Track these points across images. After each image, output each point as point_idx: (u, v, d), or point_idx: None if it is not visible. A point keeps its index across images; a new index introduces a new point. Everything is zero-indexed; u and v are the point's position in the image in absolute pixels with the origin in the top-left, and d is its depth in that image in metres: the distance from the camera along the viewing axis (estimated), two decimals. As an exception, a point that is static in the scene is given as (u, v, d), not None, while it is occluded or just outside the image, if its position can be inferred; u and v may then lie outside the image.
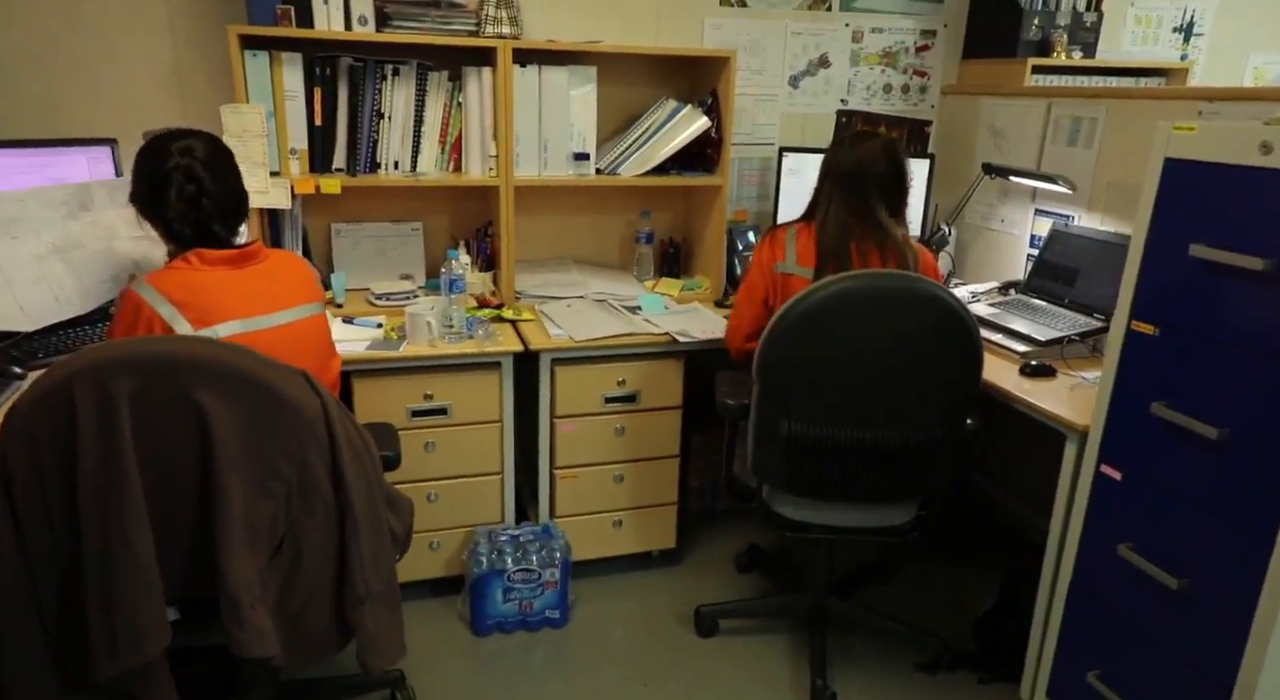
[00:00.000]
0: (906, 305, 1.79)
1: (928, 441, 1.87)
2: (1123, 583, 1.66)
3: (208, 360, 1.30)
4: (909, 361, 1.82)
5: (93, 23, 2.27)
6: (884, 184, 2.01)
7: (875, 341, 1.80)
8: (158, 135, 1.62)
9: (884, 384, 1.84)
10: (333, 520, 1.44)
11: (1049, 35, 2.75)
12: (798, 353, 1.82)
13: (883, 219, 2.00)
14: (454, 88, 2.38)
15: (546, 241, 2.78)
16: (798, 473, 1.93)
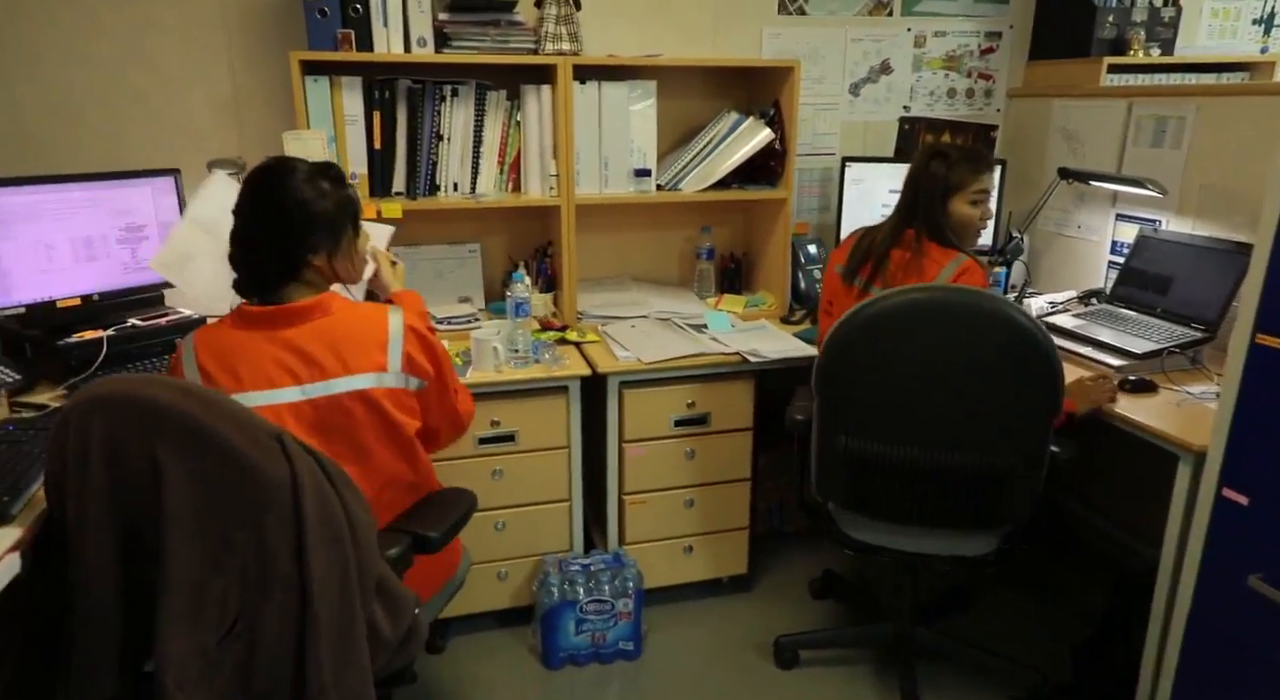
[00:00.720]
0: (974, 322, 1.69)
1: (998, 468, 1.74)
2: (1252, 616, 1.54)
3: (166, 407, 1.14)
4: (975, 382, 1.72)
5: (154, 55, 2.26)
6: (905, 192, 2.03)
7: (938, 357, 1.71)
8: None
9: (948, 403, 1.74)
10: (292, 609, 1.19)
11: (1124, 32, 2.64)
12: (855, 364, 1.77)
13: (914, 229, 1.98)
14: (512, 107, 2.34)
15: (604, 259, 2.73)
16: (858, 491, 1.87)
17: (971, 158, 2.00)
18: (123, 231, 2.10)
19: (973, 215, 1.99)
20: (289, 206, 1.42)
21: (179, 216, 2.20)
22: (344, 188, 1.49)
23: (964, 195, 1.97)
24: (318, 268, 1.46)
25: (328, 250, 1.46)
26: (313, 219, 1.43)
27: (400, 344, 1.48)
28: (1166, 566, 1.75)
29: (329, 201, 1.45)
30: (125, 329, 2.01)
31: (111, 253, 2.08)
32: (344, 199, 1.48)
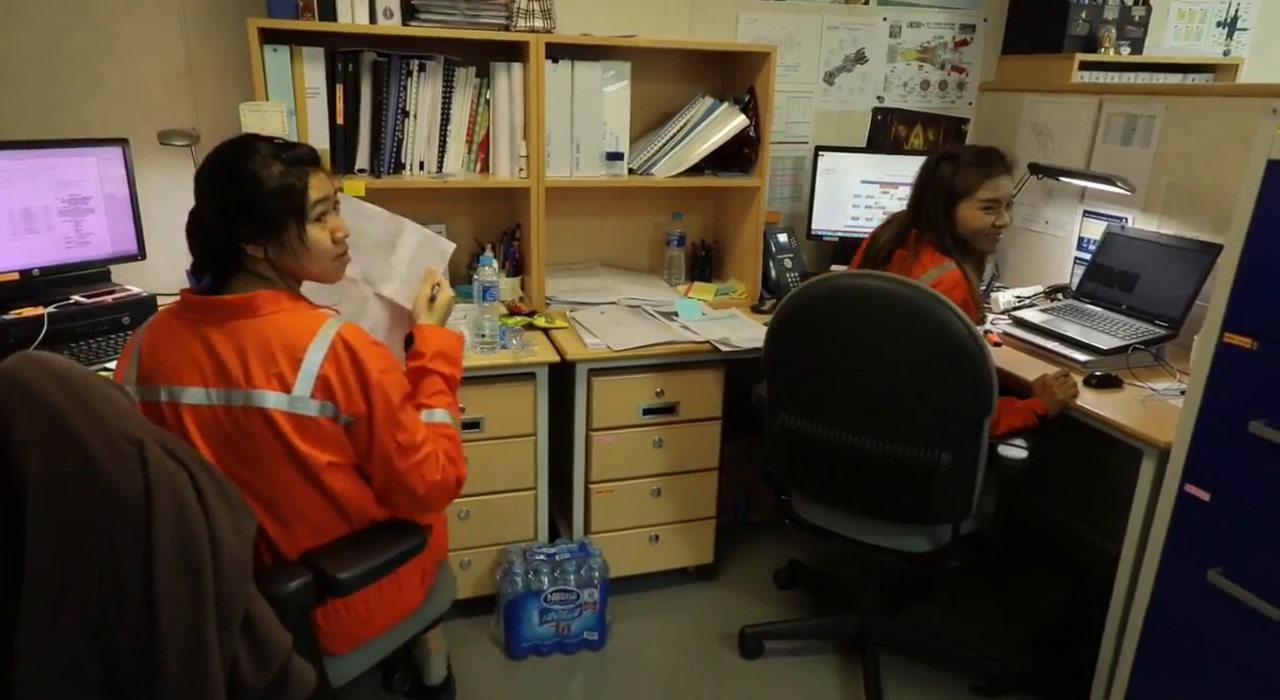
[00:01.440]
0: (900, 313, 1.67)
1: (921, 462, 1.72)
2: (1212, 610, 1.57)
3: (35, 392, 1.07)
4: (898, 373, 1.72)
5: (100, 17, 2.14)
6: (912, 192, 2.02)
7: (863, 344, 1.72)
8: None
9: (871, 391, 1.75)
10: (141, 639, 1.07)
11: (1096, 30, 2.65)
12: (788, 346, 1.83)
13: (918, 231, 1.98)
14: (482, 84, 2.27)
15: (572, 244, 2.67)
16: (797, 470, 1.92)
17: (982, 161, 1.92)
18: (65, 203, 1.99)
19: (984, 223, 1.92)
20: (226, 183, 1.31)
21: (126, 189, 2.10)
22: (295, 174, 1.32)
23: (972, 201, 1.91)
24: (257, 259, 1.33)
25: (264, 239, 1.31)
26: (247, 202, 1.29)
27: (318, 363, 1.28)
28: (1128, 560, 1.77)
29: (268, 186, 1.29)
30: (68, 306, 1.91)
31: (53, 226, 1.98)
32: (286, 186, 1.30)
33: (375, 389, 1.32)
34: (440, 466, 1.41)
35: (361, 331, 1.36)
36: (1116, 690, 1.78)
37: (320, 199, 1.35)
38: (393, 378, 1.36)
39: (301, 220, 1.33)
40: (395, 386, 1.36)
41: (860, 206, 2.73)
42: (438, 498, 1.44)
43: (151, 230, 2.18)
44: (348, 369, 1.30)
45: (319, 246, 1.36)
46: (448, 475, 1.43)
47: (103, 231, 2.07)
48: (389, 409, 1.34)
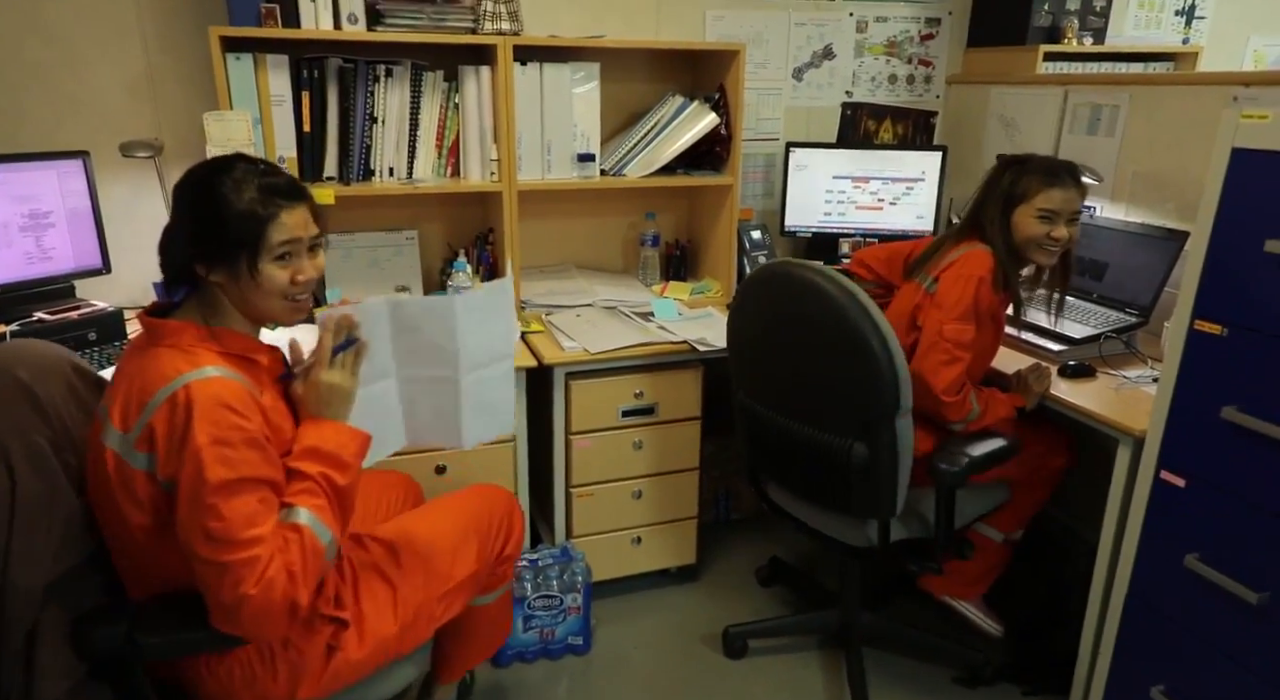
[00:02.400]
0: (816, 304, 1.71)
1: (835, 449, 1.75)
2: (1190, 594, 1.59)
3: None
4: (814, 360, 1.77)
5: (55, 27, 2.09)
6: (973, 199, 1.97)
7: (787, 330, 1.80)
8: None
9: (795, 375, 1.83)
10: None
11: (1059, 21, 2.68)
12: (739, 325, 1.95)
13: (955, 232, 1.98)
14: (450, 88, 2.24)
15: (545, 247, 2.66)
16: (753, 448, 2.01)
17: (1049, 170, 1.84)
18: (26, 218, 1.94)
19: (1037, 231, 1.83)
20: (192, 199, 1.25)
21: (88, 202, 2.06)
22: (265, 204, 1.22)
23: (1028, 208, 1.83)
24: (215, 284, 1.25)
25: (214, 263, 1.23)
26: (206, 221, 1.22)
27: (153, 410, 1.16)
28: (1106, 547, 1.79)
29: (233, 209, 1.20)
30: (30, 324, 1.87)
31: (13, 241, 1.93)
32: (249, 213, 1.21)
33: (190, 457, 1.13)
34: (264, 579, 1.14)
35: (222, 391, 1.17)
36: (1098, 677, 1.81)
37: (287, 239, 1.24)
38: (222, 452, 1.14)
39: (255, 252, 1.22)
40: (221, 463, 1.14)
41: (833, 202, 2.73)
42: (249, 618, 1.15)
43: (116, 243, 2.13)
44: (177, 424, 1.14)
45: (270, 282, 1.25)
46: (272, 593, 1.14)
47: (65, 246, 2.02)
48: (198, 486, 1.13)
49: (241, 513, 1.15)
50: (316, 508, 1.23)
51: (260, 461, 1.18)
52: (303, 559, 1.18)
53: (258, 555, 1.14)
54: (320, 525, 1.23)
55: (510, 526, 1.68)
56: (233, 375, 1.21)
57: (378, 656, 1.41)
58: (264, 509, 1.18)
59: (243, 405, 1.19)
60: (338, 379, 1.32)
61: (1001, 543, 2.12)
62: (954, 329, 1.80)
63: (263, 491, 1.19)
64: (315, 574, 1.21)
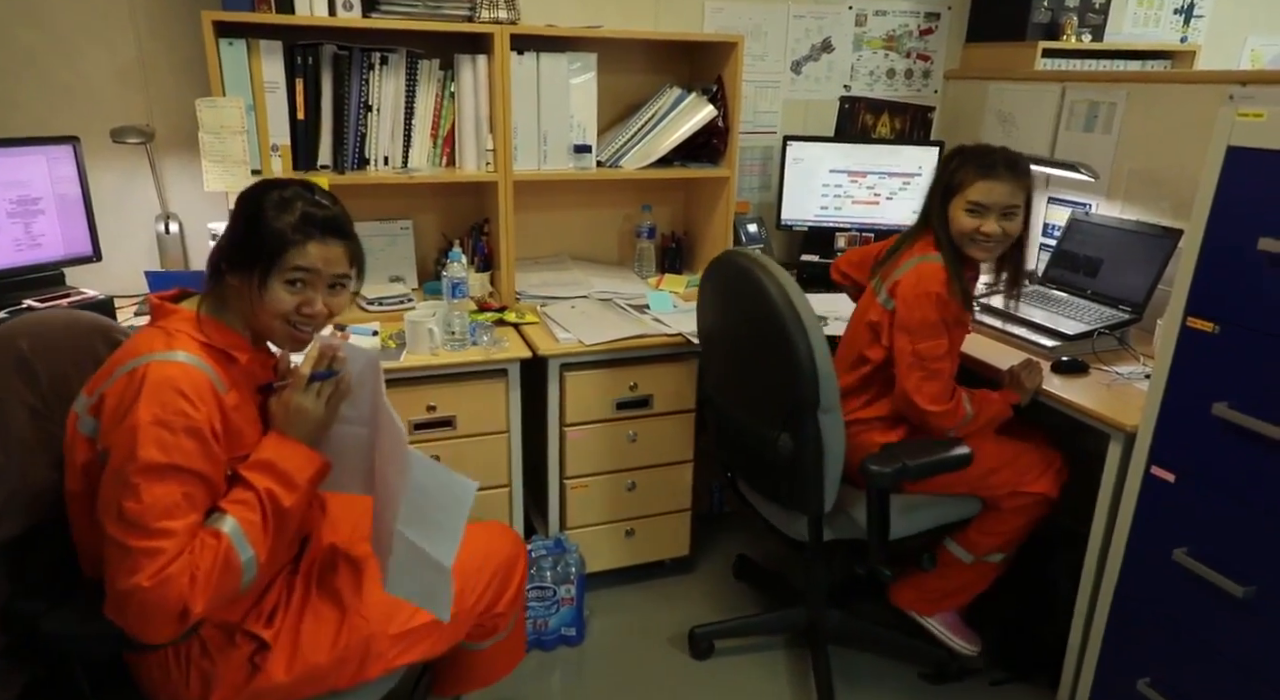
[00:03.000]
0: (748, 292, 1.75)
1: (766, 438, 1.79)
2: (1177, 588, 1.60)
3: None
4: (746, 347, 1.82)
5: (45, 11, 2.07)
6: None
7: (728, 317, 1.88)
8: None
9: (734, 360, 1.90)
10: None
11: (1058, 17, 2.68)
12: (701, 313, 2.04)
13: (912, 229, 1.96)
14: (446, 77, 2.23)
15: (541, 238, 2.65)
16: (714, 430, 2.11)
17: (984, 162, 1.77)
18: (14, 204, 1.93)
19: (966, 226, 1.79)
20: (241, 204, 1.29)
21: (78, 188, 2.04)
22: (297, 230, 1.24)
23: (960, 200, 1.79)
24: (234, 288, 1.27)
25: (233, 266, 1.26)
26: (240, 226, 1.26)
27: (114, 380, 1.17)
28: (1096, 541, 1.80)
29: (266, 224, 1.24)
30: (20, 311, 1.85)
31: (1, 228, 1.91)
32: (278, 233, 1.23)
33: (126, 430, 1.12)
34: (161, 574, 1.09)
35: (179, 375, 1.16)
36: (1086, 668, 1.82)
37: (305, 267, 1.25)
38: (159, 434, 1.12)
39: (269, 269, 1.24)
40: (156, 444, 1.12)
41: (829, 195, 2.73)
42: (135, 611, 1.11)
43: (106, 231, 2.11)
44: (127, 397, 1.14)
45: (273, 303, 1.25)
46: (165, 591, 1.10)
47: (55, 233, 2.01)
48: (126, 461, 1.11)
49: (161, 501, 1.12)
50: (247, 522, 1.20)
51: (197, 453, 1.15)
52: (210, 567, 1.14)
53: (162, 548, 1.11)
54: (243, 540, 1.18)
55: (507, 580, 1.57)
56: (201, 364, 1.20)
57: (307, 686, 1.33)
58: (186, 504, 1.15)
59: (196, 394, 1.16)
60: (307, 403, 1.29)
61: (971, 564, 2.01)
62: (927, 347, 1.78)
63: (191, 485, 1.15)
64: (220, 586, 1.15)
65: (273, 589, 1.37)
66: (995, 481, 1.91)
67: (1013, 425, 1.93)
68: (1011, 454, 1.93)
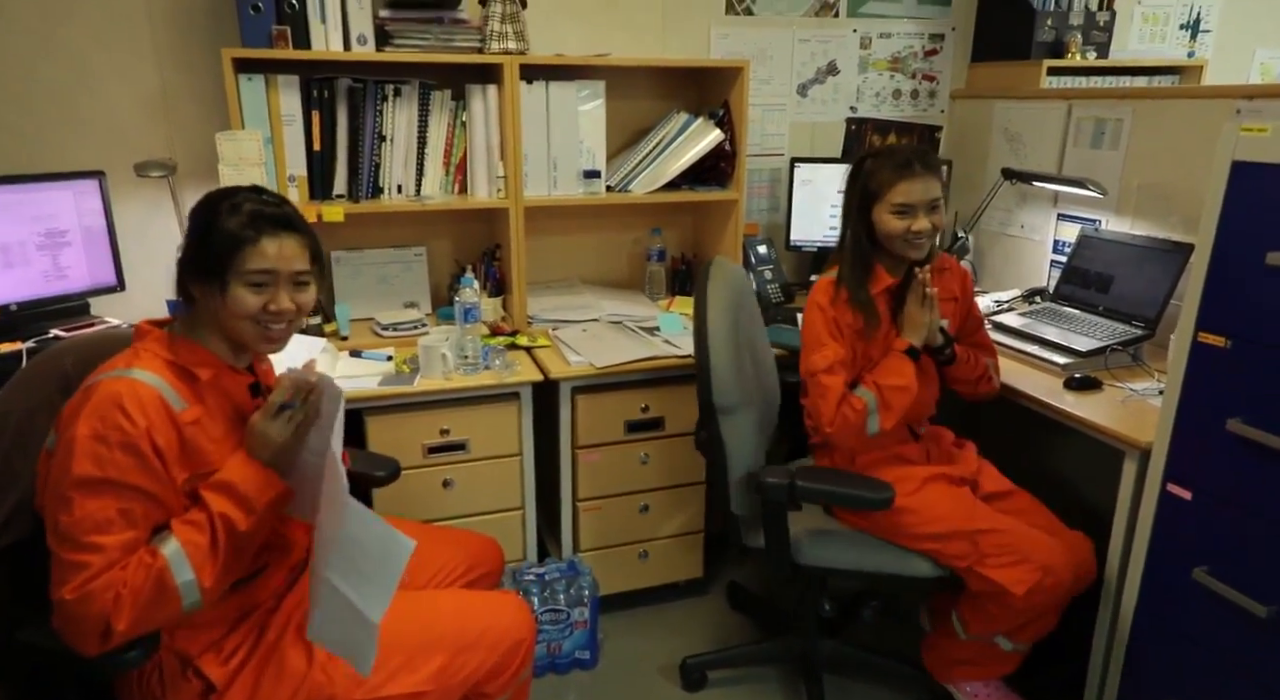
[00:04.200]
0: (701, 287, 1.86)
1: (696, 438, 2.00)
2: (1198, 608, 1.58)
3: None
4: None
5: (70, 49, 2.14)
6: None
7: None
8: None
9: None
10: None
11: (1062, 36, 2.70)
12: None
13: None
14: (458, 107, 2.28)
15: (552, 262, 2.68)
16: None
17: (899, 163, 1.76)
18: (43, 237, 1.98)
19: (896, 228, 1.76)
20: (195, 215, 1.30)
21: (103, 220, 2.09)
22: (250, 229, 1.24)
23: (884, 204, 1.77)
24: (201, 301, 1.28)
25: (194, 276, 1.26)
26: (196, 236, 1.27)
27: (76, 396, 1.19)
28: (1114, 560, 1.78)
29: (219, 229, 1.24)
30: (46, 340, 1.90)
31: (30, 260, 1.97)
32: (231, 235, 1.23)
33: (65, 444, 1.14)
34: (83, 589, 1.11)
35: (124, 390, 1.17)
36: (1109, 692, 1.79)
37: (262, 269, 1.25)
38: (94, 448, 1.13)
39: (225, 272, 1.24)
40: (90, 458, 1.13)
41: (837, 216, 2.73)
42: (60, 621, 1.14)
43: (129, 260, 2.17)
44: (73, 412, 1.17)
45: (236, 305, 1.25)
46: (86, 607, 1.11)
47: (81, 264, 2.06)
48: (62, 475, 1.13)
49: (93, 516, 1.13)
50: (191, 544, 1.18)
51: (133, 467, 1.15)
52: (140, 586, 1.13)
53: (88, 562, 1.12)
54: (184, 563, 1.16)
55: (505, 661, 1.44)
56: (153, 380, 1.20)
57: None
58: (121, 520, 1.15)
59: (137, 409, 1.16)
60: (272, 431, 1.27)
61: (966, 641, 1.88)
62: (810, 361, 1.81)
63: (127, 500, 1.15)
64: (149, 607, 1.14)
65: (243, 625, 1.34)
66: (949, 550, 1.76)
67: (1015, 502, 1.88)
68: (973, 521, 1.76)
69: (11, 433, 1.31)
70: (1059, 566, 1.72)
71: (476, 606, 1.49)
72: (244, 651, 1.32)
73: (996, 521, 1.78)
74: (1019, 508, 1.89)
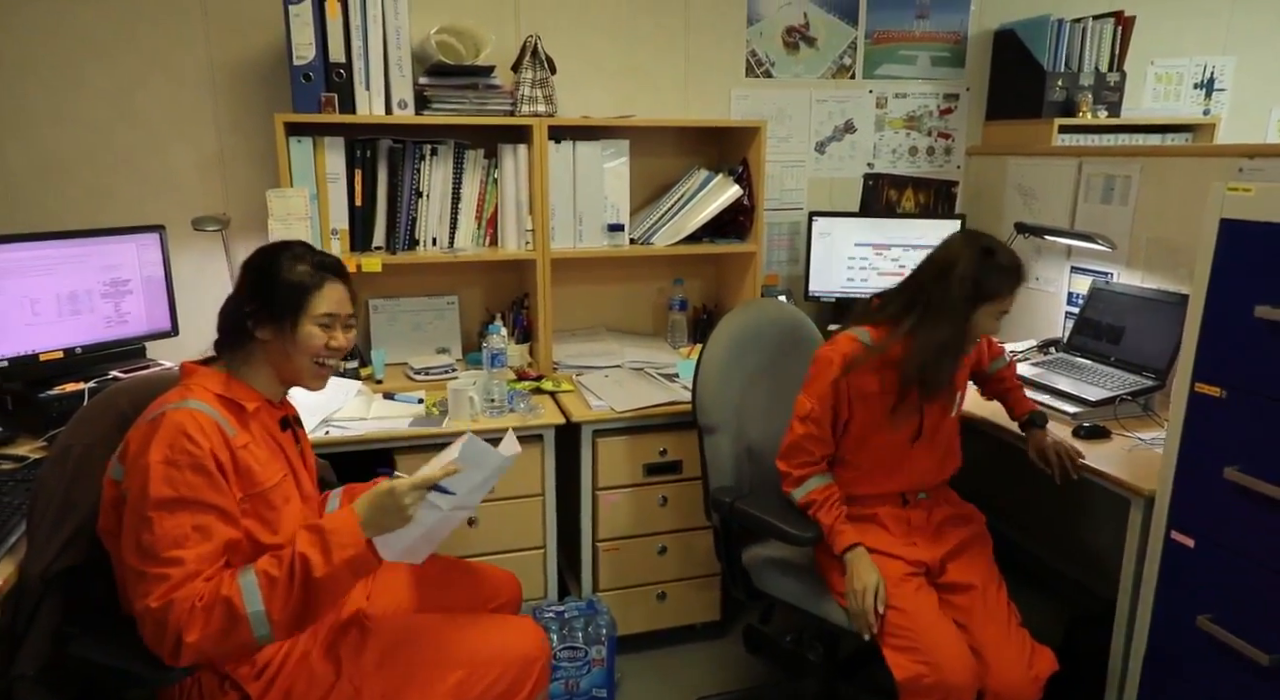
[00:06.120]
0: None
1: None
2: (1205, 655, 1.59)
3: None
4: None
5: (143, 115, 2.34)
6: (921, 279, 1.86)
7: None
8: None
9: None
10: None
11: (1073, 96, 2.78)
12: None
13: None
14: (490, 165, 2.43)
15: (579, 311, 2.79)
16: None
17: (1016, 273, 1.77)
18: (107, 286, 2.14)
19: (992, 328, 1.82)
20: (255, 267, 1.45)
21: (162, 271, 2.26)
22: (313, 277, 1.42)
23: (991, 309, 1.76)
24: (260, 341, 1.42)
25: (263, 320, 1.40)
26: (263, 285, 1.42)
27: (137, 428, 1.32)
28: (1123, 608, 1.80)
29: (284, 276, 1.41)
30: (106, 381, 2.04)
31: (95, 307, 2.13)
32: (299, 282, 1.41)
33: (140, 470, 1.26)
34: (166, 597, 1.22)
35: (186, 420, 1.29)
36: (1122, 742, 1.79)
37: (328, 312, 1.44)
38: (168, 472, 1.25)
39: (298, 314, 1.41)
40: (165, 481, 1.25)
41: (855, 268, 2.83)
42: (147, 631, 1.25)
43: (183, 308, 2.32)
44: (144, 442, 1.28)
45: (305, 340, 1.41)
46: (167, 614, 1.22)
47: (140, 311, 2.22)
48: (142, 498, 1.25)
49: (171, 534, 1.24)
50: (266, 576, 1.27)
51: (203, 485, 1.27)
52: (211, 605, 1.23)
53: (169, 574, 1.23)
54: (255, 593, 1.25)
55: (520, 681, 1.50)
56: (209, 410, 1.34)
57: None
58: (196, 535, 1.25)
59: (200, 434, 1.29)
60: (402, 502, 1.33)
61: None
62: (798, 400, 1.84)
63: (201, 517, 1.26)
64: (220, 630, 1.23)
65: (279, 644, 1.41)
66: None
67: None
68: (891, 597, 1.70)
69: (73, 465, 1.44)
70: (950, 670, 1.63)
71: (493, 627, 1.59)
72: (276, 664, 1.41)
73: (912, 605, 1.71)
74: (972, 604, 1.78)
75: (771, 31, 2.79)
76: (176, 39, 2.32)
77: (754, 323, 2.11)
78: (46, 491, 1.41)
